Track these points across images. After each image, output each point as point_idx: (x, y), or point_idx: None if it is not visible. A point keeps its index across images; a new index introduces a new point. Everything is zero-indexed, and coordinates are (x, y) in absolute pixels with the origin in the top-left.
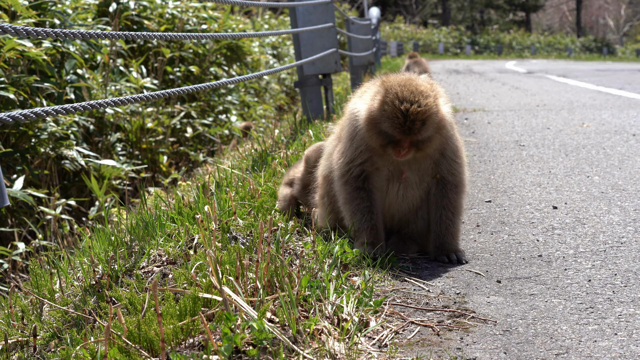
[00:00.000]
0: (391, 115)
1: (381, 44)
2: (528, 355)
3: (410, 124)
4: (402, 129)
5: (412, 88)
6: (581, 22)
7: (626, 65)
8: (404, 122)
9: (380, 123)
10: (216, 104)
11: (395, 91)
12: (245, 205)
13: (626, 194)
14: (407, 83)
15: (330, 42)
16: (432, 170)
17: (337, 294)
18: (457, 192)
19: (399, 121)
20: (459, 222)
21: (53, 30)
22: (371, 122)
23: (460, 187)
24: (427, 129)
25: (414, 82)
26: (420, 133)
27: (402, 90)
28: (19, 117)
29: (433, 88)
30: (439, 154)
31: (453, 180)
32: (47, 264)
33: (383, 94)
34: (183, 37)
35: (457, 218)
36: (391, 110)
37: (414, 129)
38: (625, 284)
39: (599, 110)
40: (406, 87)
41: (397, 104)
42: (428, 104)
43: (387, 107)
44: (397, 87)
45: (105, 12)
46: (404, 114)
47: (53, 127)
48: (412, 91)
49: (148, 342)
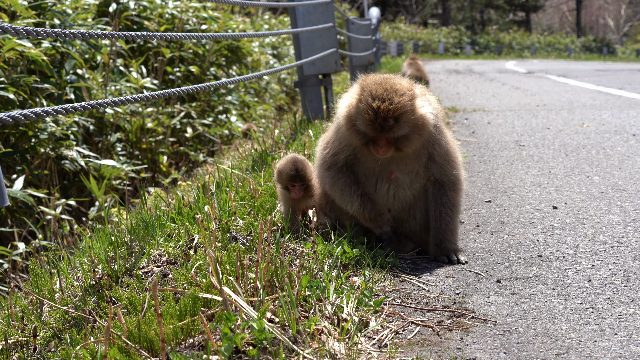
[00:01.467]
0: (364, 113)
1: (381, 44)
2: (528, 355)
3: (381, 121)
4: (374, 126)
5: (387, 86)
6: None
7: (626, 65)
8: (374, 119)
9: (356, 121)
10: (216, 104)
11: (370, 89)
12: (245, 205)
13: (626, 194)
14: (383, 82)
15: (330, 42)
16: (423, 172)
17: (337, 294)
18: (455, 189)
19: (370, 118)
20: (457, 219)
21: (53, 30)
22: (349, 121)
23: (458, 185)
24: (400, 126)
25: (390, 81)
26: (393, 131)
27: (376, 88)
28: (19, 117)
29: (411, 88)
30: (427, 157)
31: (449, 180)
32: (47, 264)
33: (359, 93)
34: (183, 37)
35: (456, 215)
36: (364, 107)
37: (385, 126)
38: (625, 284)
39: (599, 110)
40: (381, 85)
41: (369, 102)
42: (401, 102)
43: (361, 105)
44: (372, 86)
45: (105, 12)
46: (376, 111)
47: (53, 127)
48: (386, 89)
49: (148, 342)
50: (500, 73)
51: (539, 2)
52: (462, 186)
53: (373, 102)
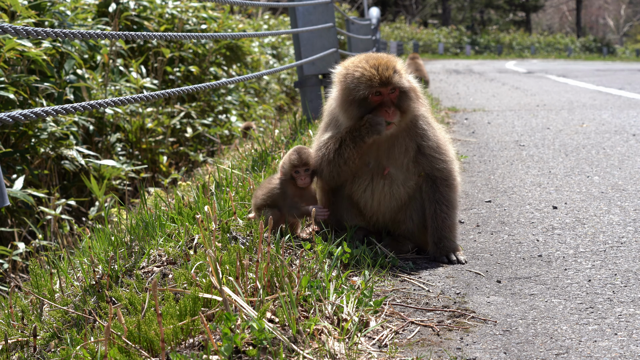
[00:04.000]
0: (360, 76)
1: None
2: (528, 355)
3: (382, 72)
4: (373, 81)
5: (368, 56)
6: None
7: (626, 65)
8: (374, 73)
9: (355, 89)
10: (216, 104)
11: (354, 62)
12: (245, 205)
13: (626, 194)
14: (366, 55)
15: (330, 42)
16: (413, 167)
17: (337, 294)
18: (448, 185)
19: (371, 74)
20: (454, 216)
21: (53, 30)
22: (345, 97)
23: (451, 181)
24: (400, 77)
25: (370, 54)
26: (395, 81)
27: (359, 59)
28: (19, 117)
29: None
30: (415, 150)
31: (441, 175)
32: (47, 264)
33: (345, 70)
34: (183, 37)
35: (453, 212)
36: (361, 71)
37: (387, 76)
38: (625, 284)
39: (599, 110)
40: (362, 57)
41: (364, 65)
42: (389, 57)
43: (356, 72)
44: (354, 60)
45: (105, 12)
46: (374, 67)
47: (53, 127)
48: (372, 57)
49: (148, 342)
50: (500, 73)
51: (539, 2)
52: (455, 182)
53: (367, 63)
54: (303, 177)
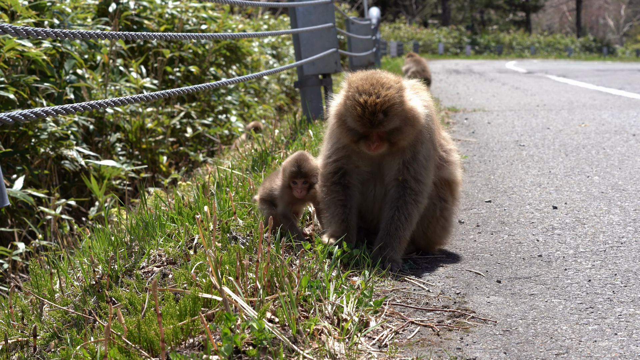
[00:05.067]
0: (351, 109)
1: (381, 44)
2: (528, 355)
3: (370, 116)
4: (363, 121)
5: (373, 81)
6: (581, 22)
7: (626, 65)
8: (362, 113)
9: (346, 118)
10: (216, 104)
11: (357, 85)
12: (245, 205)
13: (626, 194)
14: (369, 77)
15: (330, 42)
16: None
17: (337, 294)
18: (415, 201)
19: (358, 113)
20: (408, 230)
21: (53, 30)
22: (339, 119)
23: (420, 199)
24: (390, 120)
25: (376, 75)
26: (383, 125)
27: (363, 83)
28: (19, 117)
29: (398, 81)
30: (411, 155)
31: (415, 188)
32: (47, 264)
33: (346, 89)
34: (183, 37)
35: (408, 226)
36: (351, 103)
37: (375, 120)
38: (625, 284)
39: (599, 110)
40: (367, 80)
41: (356, 97)
42: (388, 94)
43: (348, 101)
44: (359, 82)
45: (105, 12)
46: (363, 106)
47: (53, 127)
48: (372, 84)
49: (148, 342)
50: (500, 73)
51: (539, 2)
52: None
53: (360, 97)
54: (300, 190)
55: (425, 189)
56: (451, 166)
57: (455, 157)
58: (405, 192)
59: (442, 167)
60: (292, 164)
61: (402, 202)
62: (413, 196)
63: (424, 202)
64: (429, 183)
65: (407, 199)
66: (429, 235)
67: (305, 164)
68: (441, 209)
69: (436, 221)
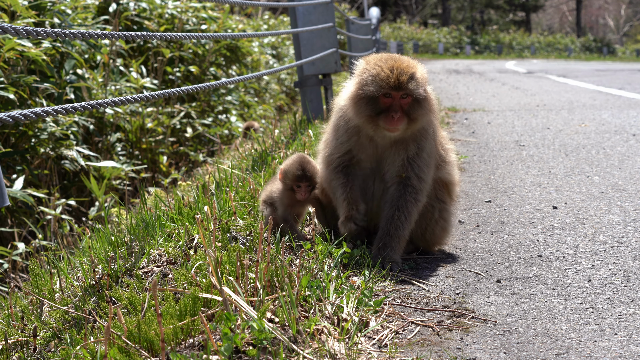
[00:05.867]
0: (376, 75)
1: (381, 44)
2: (528, 355)
3: (398, 76)
4: (389, 82)
5: (394, 57)
6: (581, 22)
7: (626, 65)
8: (390, 74)
9: (367, 87)
10: (216, 104)
11: (376, 61)
12: (245, 205)
13: (626, 194)
14: (387, 56)
15: (330, 42)
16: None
17: (337, 294)
18: (415, 200)
19: (386, 74)
20: (407, 230)
21: (53, 30)
22: (356, 95)
23: (420, 197)
24: (415, 84)
25: (393, 55)
26: (409, 88)
27: (383, 58)
28: (19, 117)
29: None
30: (415, 150)
31: (417, 186)
32: (47, 264)
33: (363, 68)
34: (183, 37)
35: (408, 225)
36: (377, 70)
37: (402, 80)
38: (625, 284)
39: (599, 110)
40: (386, 57)
41: (381, 64)
42: (410, 63)
43: (373, 70)
44: (377, 59)
45: (105, 12)
46: (391, 69)
47: (53, 127)
48: (393, 58)
49: (148, 342)
50: (500, 73)
51: (539, 2)
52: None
53: (385, 64)
54: (303, 193)
55: (425, 187)
56: (448, 166)
57: (453, 157)
58: (406, 191)
59: (440, 167)
60: (297, 168)
61: (403, 201)
62: (414, 194)
63: (424, 200)
64: (429, 181)
65: (407, 197)
66: (427, 237)
67: (309, 166)
68: (440, 210)
69: (435, 223)
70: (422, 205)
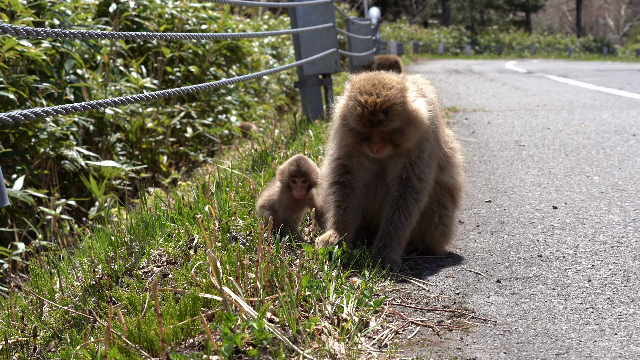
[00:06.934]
0: (352, 109)
1: (381, 44)
2: (528, 355)
3: (369, 115)
4: (362, 121)
5: (375, 81)
6: (581, 22)
7: (626, 65)
8: (362, 113)
9: (348, 119)
10: (216, 104)
11: (359, 86)
12: (245, 205)
13: (626, 194)
14: (372, 77)
15: (330, 42)
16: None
17: (337, 294)
18: (416, 200)
19: (358, 113)
20: (407, 230)
21: (53, 30)
22: (342, 119)
23: (420, 197)
24: (391, 120)
25: (379, 76)
26: (384, 125)
27: (364, 84)
28: (19, 117)
29: (401, 81)
30: (417, 153)
31: (417, 186)
32: (47, 264)
33: (349, 90)
34: (183, 37)
35: (408, 225)
36: (352, 104)
37: (374, 120)
38: (625, 284)
39: (599, 110)
40: (369, 80)
41: (357, 97)
42: (389, 94)
43: (350, 101)
44: (361, 82)
45: (105, 12)
46: (363, 106)
47: (53, 127)
48: (374, 84)
49: (148, 342)
50: (500, 73)
51: (539, 2)
52: (422, 202)
53: (361, 97)
54: (299, 189)
55: (426, 187)
56: (453, 169)
57: (458, 159)
58: (406, 191)
59: (444, 169)
60: (291, 164)
61: (403, 201)
62: (414, 195)
63: (425, 201)
64: (430, 181)
65: (408, 197)
66: (426, 240)
67: (304, 162)
68: (440, 215)
69: (434, 227)
70: (423, 206)
